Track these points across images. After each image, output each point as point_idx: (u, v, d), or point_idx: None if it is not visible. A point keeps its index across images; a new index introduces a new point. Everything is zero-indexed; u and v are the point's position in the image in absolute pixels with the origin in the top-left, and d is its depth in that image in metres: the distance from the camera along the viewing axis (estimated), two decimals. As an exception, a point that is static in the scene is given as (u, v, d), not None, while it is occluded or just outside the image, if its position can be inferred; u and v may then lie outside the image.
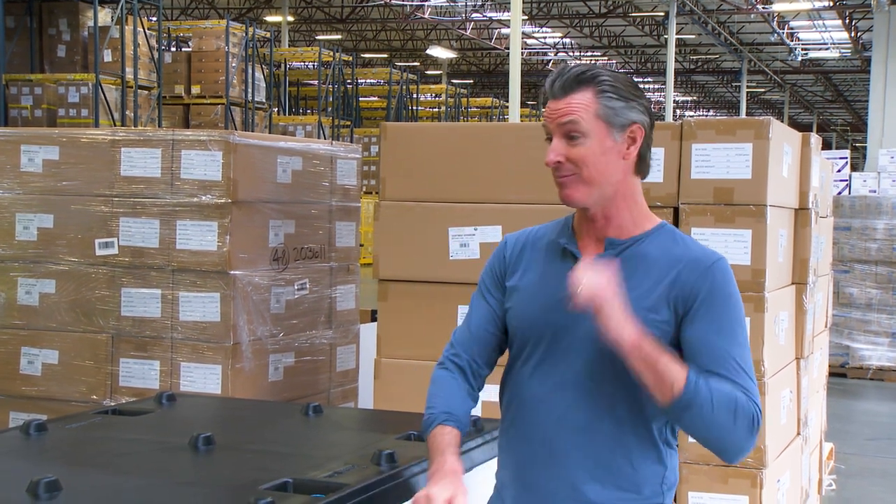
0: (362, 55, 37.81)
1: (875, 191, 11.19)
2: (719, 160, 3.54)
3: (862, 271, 10.49)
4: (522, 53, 20.80)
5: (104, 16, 15.11)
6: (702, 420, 1.91)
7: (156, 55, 16.08)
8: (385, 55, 38.70)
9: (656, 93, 43.01)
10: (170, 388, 4.01)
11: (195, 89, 17.69)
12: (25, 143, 4.42)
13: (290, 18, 30.54)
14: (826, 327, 5.20)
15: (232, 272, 4.09)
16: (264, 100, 19.13)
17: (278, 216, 4.34)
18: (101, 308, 4.29)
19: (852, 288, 10.50)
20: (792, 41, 32.44)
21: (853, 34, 29.42)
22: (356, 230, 4.88)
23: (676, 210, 3.58)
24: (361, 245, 5.29)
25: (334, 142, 5.24)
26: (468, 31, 32.42)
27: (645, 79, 40.45)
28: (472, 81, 42.52)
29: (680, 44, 33.19)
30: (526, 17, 28.04)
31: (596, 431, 2.00)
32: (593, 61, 39.23)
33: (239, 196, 4.12)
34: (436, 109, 31.51)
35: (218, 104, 17.60)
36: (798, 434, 4.11)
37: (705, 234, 3.52)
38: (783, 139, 3.75)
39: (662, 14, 28.35)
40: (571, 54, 37.83)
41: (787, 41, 31.95)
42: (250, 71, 18.16)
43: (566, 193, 2.03)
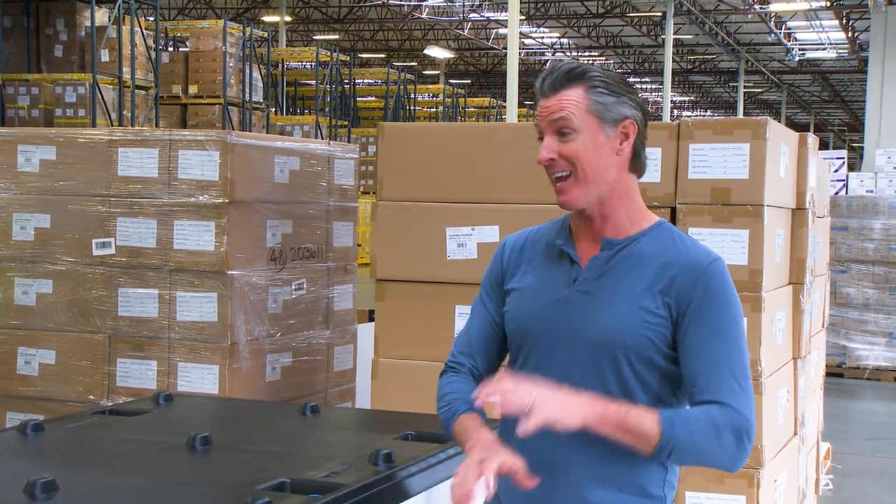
0: (360, 55, 37.81)
1: (872, 191, 11.21)
2: (716, 160, 3.55)
3: (859, 271, 10.50)
4: (520, 53, 20.80)
5: (101, 16, 15.11)
6: (687, 455, 1.92)
7: (153, 55, 16.08)
8: (382, 55, 38.70)
9: (653, 93, 43.02)
10: (167, 389, 4.00)
11: (192, 89, 17.68)
12: (22, 143, 4.42)
13: (288, 18, 30.54)
14: (823, 327, 5.21)
15: (229, 272, 4.09)
16: (262, 100, 19.13)
17: (276, 216, 4.34)
18: (99, 308, 4.28)
19: (849, 288, 10.51)
20: (789, 41, 32.47)
21: (850, 34, 29.45)
22: (354, 230, 4.88)
23: (674, 210, 3.59)
24: (359, 245, 5.29)
25: (332, 142, 5.24)
26: (466, 31, 32.43)
27: (642, 79, 40.48)
28: (470, 81, 42.53)
29: (677, 44, 33.20)
30: (523, 17, 28.04)
31: (594, 436, 1.97)
32: (591, 61, 39.24)
33: (236, 196, 4.12)
34: (433, 109, 31.51)
35: (215, 104, 17.60)
36: (795, 434, 4.11)
37: (703, 234, 3.52)
38: (780, 139, 3.75)
39: (660, 14, 28.38)
40: (569, 54, 37.82)
41: (785, 41, 31.98)
42: (248, 71, 18.15)
43: (564, 200, 2.03)
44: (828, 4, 26.27)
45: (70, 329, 4.34)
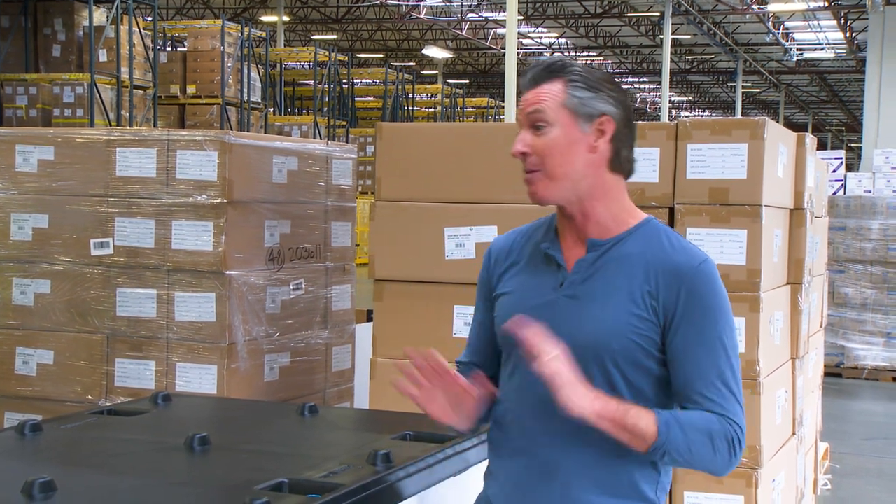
0: (358, 55, 37.81)
1: (870, 191, 11.22)
2: (715, 160, 3.55)
3: (857, 271, 10.50)
4: (518, 53, 20.79)
5: (99, 15, 15.09)
6: (682, 457, 1.92)
7: (151, 55, 16.07)
8: (381, 55, 38.69)
9: (652, 93, 43.05)
10: (165, 389, 4.00)
11: (191, 89, 17.67)
12: (20, 143, 4.41)
13: (286, 18, 30.54)
14: (821, 327, 5.21)
15: (227, 272, 4.09)
16: (260, 100, 19.12)
17: (274, 216, 4.34)
18: (97, 308, 4.28)
19: (847, 288, 10.52)
20: (787, 41, 32.49)
21: (848, 34, 29.47)
22: (352, 230, 4.88)
23: (672, 210, 3.58)
24: (357, 245, 5.29)
25: (330, 142, 5.24)
26: (464, 31, 32.43)
27: (640, 79, 40.51)
28: (468, 81, 42.53)
29: (675, 44, 33.21)
30: (522, 18, 28.04)
31: (586, 439, 1.96)
32: (589, 61, 39.27)
33: (234, 196, 4.12)
34: (431, 109, 31.51)
35: (213, 104, 17.59)
36: (793, 434, 4.12)
37: (701, 235, 3.52)
38: (778, 139, 3.75)
39: (658, 14, 28.39)
40: (567, 54, 37.86)
41: (783, 41, 31.99)
42: (246, 71, 18.14)
43: (531, 191, 2.00)
44: (826, 4, 26.29)
45: (68, 329, 4.34)
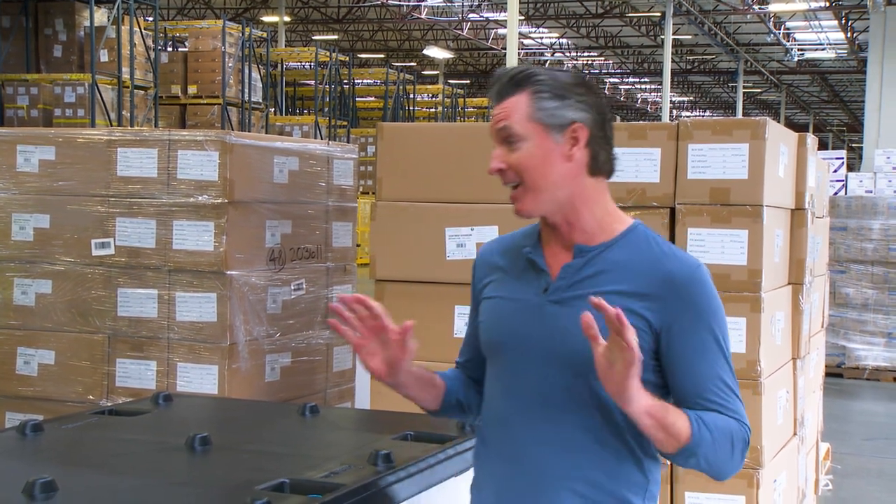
0: (359, 55, 37.81)
1: (871, 191, 11.21)
2: (716, 160, 3.55)
3: (858, 271, 10.50)
4: (519, 54, 20.83)
5: (100, 16, 15.11)
6: (705, 460, 1.88)
7: (152, 55, 16.08)
8: (382, 55, 38.70)
9: (653, 93, 43.05)
10: (166, 389, 4.00)
11: (192, 89, 17.68)
12: (21, 143, 4.42)
13: (287, 18, 30.54)
14: (822, 327, 5.21)
15: (228, 272, 4.09)
16: (261, 100, 19.13)
17: (275, 216, 4.34)
18: (98, 308, 4.28)
19: (848, 288, 10.52)
20: (788, 42, 32.49)
21: (849, 35, 29.45)
22: (353, 230, 4.88)
23: (673, 210, 3.58)
24: (358, 245, 5.29)
25: (331, 142, 5.24)
26: (465, 32, 32.43)
27: (641, 79, 40.53)
28: (469, 82, 42.53)
29: (676, 44, 33.21)
30: (522, 18, 28.05)
31: (571, 447, 1.93)
32: (590, 62, 39.29)
33: (235, 196, 4.12)
34: (432, 110, 31.52)
35: (214, 104, 17.60)
36: (794, 434, 4.12)
37: (701, 235, 3.52)
38: (779, 139, 3.75)
39: (659, 14, 28.38)
40: (568, 54, 37.87)
41: (784, 42, 31.99)
42: (247, 71, 18.15)
43: (518, 209, 1.98)
44: (827, 5, 26.28)
45: (69, 329, 4.34)
